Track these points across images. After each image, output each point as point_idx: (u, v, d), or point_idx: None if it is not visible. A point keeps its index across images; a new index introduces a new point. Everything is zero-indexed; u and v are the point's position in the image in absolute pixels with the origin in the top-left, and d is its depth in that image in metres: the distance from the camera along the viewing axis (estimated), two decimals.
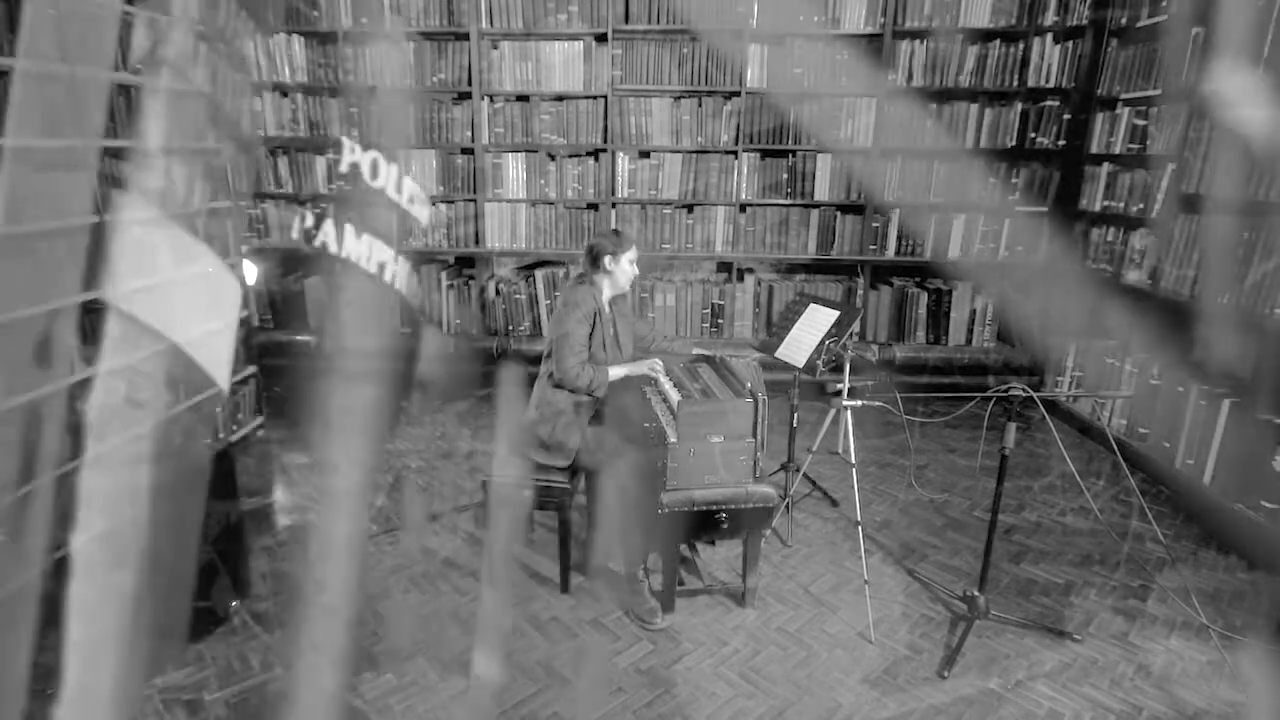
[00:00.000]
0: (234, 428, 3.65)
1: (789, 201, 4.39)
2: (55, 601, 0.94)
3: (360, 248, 1.21)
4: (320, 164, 4.41)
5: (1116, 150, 3.85)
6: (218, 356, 1.04)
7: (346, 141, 1.23)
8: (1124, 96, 3.82)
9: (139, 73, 0.93)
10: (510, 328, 4.54)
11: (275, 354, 4.24)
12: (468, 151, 4.39)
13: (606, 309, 2.67)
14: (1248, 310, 2.83)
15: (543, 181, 4.38)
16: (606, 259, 2.61)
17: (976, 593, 2.41)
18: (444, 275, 4.49)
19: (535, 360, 4.02)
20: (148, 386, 0.99)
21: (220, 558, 2.31)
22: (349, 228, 1.21)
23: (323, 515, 3.18)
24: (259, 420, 3.87)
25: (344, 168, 1.24)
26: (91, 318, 0.94)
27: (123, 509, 0.98)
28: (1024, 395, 2.22)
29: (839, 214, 4.40)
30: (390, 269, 1.23)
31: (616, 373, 2.63)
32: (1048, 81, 4.15)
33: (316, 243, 1.16)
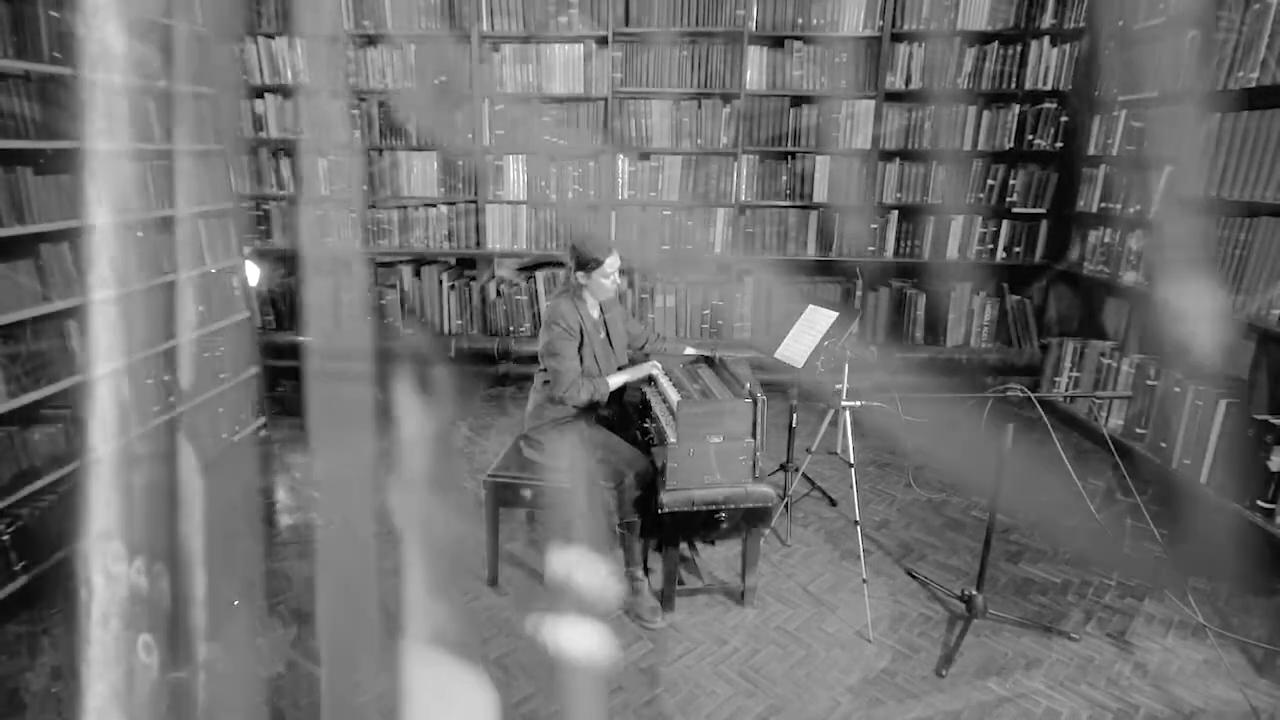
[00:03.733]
0: (235, 428, 3.67)
1: (788, 203, 4.41)
2: None
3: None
4: (321, 165, 4.42)
5: (1114, 152, 3.87)
6: None
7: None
8: (1121, 99, 3.83)
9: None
10: (511, 328, 4.56)
11: (276, 355, 4.26)
12: (468, 153, 4.40)
13: (595, 314, 2.65)
14: (1245, 311, 2.85)
15: (543, 183, 4.39)
16: (578, 275, 2.56)
17: (974, 592, 2.43)
18: (445, 276, 4.50)
19: (534, 360, 4.03)
20: None
21: None
22: None
23: (324, 514, 3.20)
24: (261, 420, 3.88)
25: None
26: None
27: None
28: (1021, 396, 2.24)
29: (838, 215, 4.42)
30: None
31: (616, 381, 2.62)
32: (1045, 84, 4.18)
33: None
